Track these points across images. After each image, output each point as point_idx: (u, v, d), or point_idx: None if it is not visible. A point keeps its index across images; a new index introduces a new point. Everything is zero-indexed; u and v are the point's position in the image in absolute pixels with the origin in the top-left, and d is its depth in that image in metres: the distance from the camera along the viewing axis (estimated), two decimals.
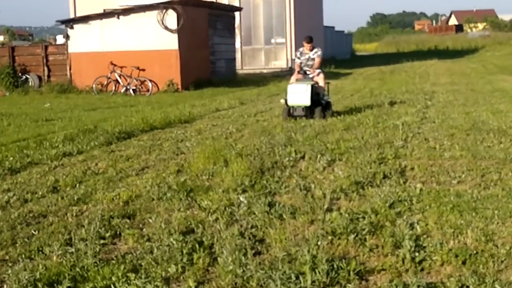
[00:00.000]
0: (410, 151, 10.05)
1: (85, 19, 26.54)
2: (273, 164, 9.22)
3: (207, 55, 28.68)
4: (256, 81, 29.52)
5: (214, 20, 29.41)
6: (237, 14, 34.68)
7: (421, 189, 7.50)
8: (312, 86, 14.36)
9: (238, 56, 35.73)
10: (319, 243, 5.58)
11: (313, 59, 15.18)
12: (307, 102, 14.19)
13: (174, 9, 25.38)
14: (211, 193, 7.57)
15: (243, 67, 38.09)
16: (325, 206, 6.78)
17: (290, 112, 14.42)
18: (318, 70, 15.16)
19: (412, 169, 8.76)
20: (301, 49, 15.46)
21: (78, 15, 29.61)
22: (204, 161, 9.37)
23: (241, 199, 7.25)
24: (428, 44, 78.73)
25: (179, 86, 25.47)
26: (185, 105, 19.08)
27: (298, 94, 14.24)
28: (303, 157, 9.80)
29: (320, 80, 14.97)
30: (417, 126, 12.77)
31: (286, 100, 14.48)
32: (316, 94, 14.60)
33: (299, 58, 15.32)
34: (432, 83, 25.98)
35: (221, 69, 30.25)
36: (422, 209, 6.71)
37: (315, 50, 15.30)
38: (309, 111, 14.30)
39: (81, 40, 26.38)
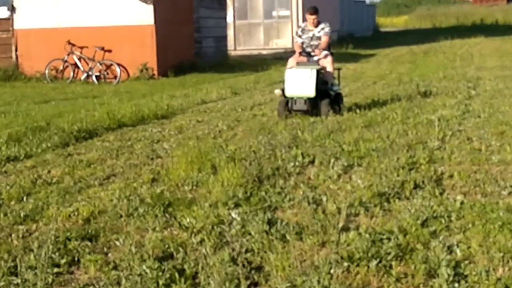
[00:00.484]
0: (448, 154, 10.06)
1: None
2: (274, 170, 9.23)
3: (191, 32, 28.71)
4: (253, 65, 29.57)
5: None
6: None
7: (462, 202, 7.50)
8: (318, 71, 13.94)
9: (230, 33, 35.79)
10: (332, 271, 5.58)
11: (319, 37, 14.74)
12: (311, 93, 13.74)
13: None
14: (195, 208, 7.58)
15: (236, 47, 38.16)
16: (340, 224, 6.78)
17: (288, 106, 14.05)
18: (326, 52, 14.72)
19: (451, 176, 8.78)
20: (303, 25, 15.14)
21: None
22: (186, 167, 9.36)
23: (233, 215, 7.25)
24: (472, 17, 78.84)
25: (155, 72, 25.51)
26: (163, 96, 19.10)
27: (300, 82, 13.77)
28: (312, 162, 9.81)
29: (328, 64, 14.53)
30: (457, 122, 12.80)
31: (283, 90, 14.06)
32: (323, 82, 14.18)
33: (300, 36, 14.93)
34: (476, 67, 26.05)
35: (209, 49, 30.29)
36: (464, 228, 6.72)
37: (321, 26, 14.81)
38: (313, 105, 13.91)
39: (30, 14, 26.38)
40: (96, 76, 25.49)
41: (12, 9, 26.84)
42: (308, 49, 14.67)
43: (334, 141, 11.14)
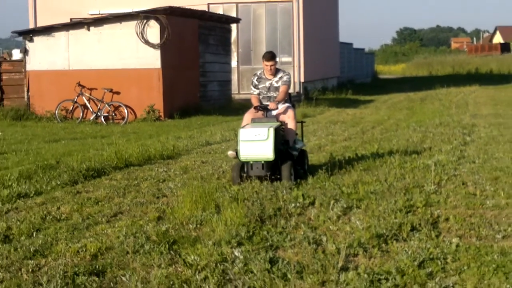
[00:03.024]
0: (444, 197, 10.07)
1: (47, 30, 26.71)
2: (276, 211, 9.24)
3: (197, 76, 28.84)
4: None
5: (205, 34, 29.62)
6: (233, 26, 34.93)
7: (457, 245, 7.51)
8: (277, 129, 11.67)
9: (234, 77, 35.93)
10: None
11: (277, 88, 12.56)
12: (269, 155, 11.37)
13: (156, 19, 25.56)
14: (199, 246, 7.58)
15: (240, 91, 38.25)
16: (340, 264, 6.79)
17: (243, 171, 11.67)
18: (286, 105, 12.60)
19: (447, 219, 8.78)
20: (259, 73, 12.80)
21: (39, 25, 29.83)
22: (191, 207, 9.39)
23: (236, 253, 7.25)
24: (467, 66, 79.14)
25: (162, 114, 25.57)
26: (169, 137, 19.13)
27: (255, 144, 11.41)
28: (312, 203, 9.82)
29: (289, 119, 12.37)
30: (453, 167, 12.80)
31: (237, 152, 11.78)
32: (284, 142, 12.13)
33: (256, 86, 12.74)
34: (471, 114, 26.09)
35: (214, 93, 30.40)
36: (459, 270, 6.72)
37: (279, 74, 12.62)
38: (273, 169, 11.52)
39: (42, 56, 26.52)
40: (105, 117, 25.55)
41: (25, 51, 26.98)
42: (265, 102, 12.59)
43: (333, 183, 11.15)
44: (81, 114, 25.86)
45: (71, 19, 28.69)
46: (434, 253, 7.21)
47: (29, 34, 26.93)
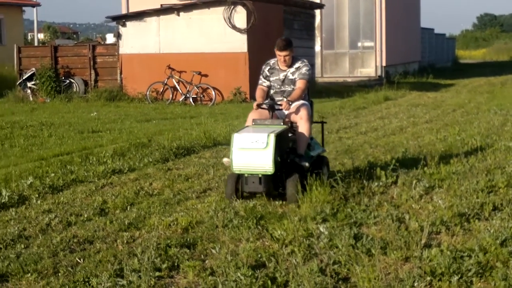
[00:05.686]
0: None
1: (139, 15, 27.01)
2: (359, 189, 9.20)
3: None
4: (338, 91, 29.51)
5: (290, 19, 29.57)
6: (317, 12, 34.78)
7: None
8: (281, 135, 9.04)
9: (317, 61, 35.84)
10: (415, 284, 5.56)
11: (293, 81, 9.92)
12: (268, 168, 8.80)
13: (243, 5, 25.60)
14: (285, 221, 7.61)
15: (323, 74, 38.16)
16: (423, 241, 6.74)
17: (238, 185, 9.10)
18: (301, 102, 9.78)
19: None
20: (272, 62, 10.17)
21: (131, 10, 30.15)
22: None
23: (321, 229, 7.26)
24: None
25: (247, 96, 25.63)
26: None
27: (251, 153, 8.88)
28: (395, 183, 9.76)
29: (301, 120, 9.55)
30: None
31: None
32: (289, 150, 9.51)
33: (267, 77, 10.06)
34: None
35: None
36: None
37: (297, 63, 10.02)
38: (274, 184, 9.01)
39: (135, 40, 26.83)
40: (193, 98, 25.73)
41: (118, 35, 27.33)
42: (278, 98, 9.92)
43: (415, 164, 11.03)
44: (170, 96, 26.10)
45: (161, 5, 28.87)
46: None
47: (122, 19, 27.26)
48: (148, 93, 26.09)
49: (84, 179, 10.66)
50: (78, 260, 6.59)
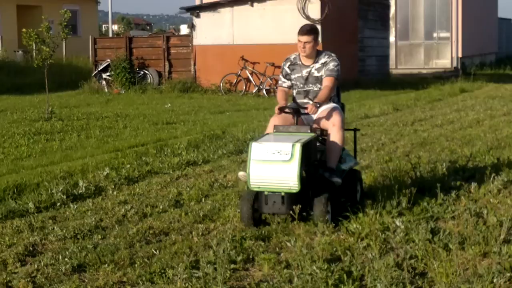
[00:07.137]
0: None
1: (213, 6, 27.14)
2: (435, 183, 9.10)
3: (356, 51, 28.67)
4: (413, 83, 29.25)
5: (365, 10, 29.39)
6: (392, 2, 34.48)
7: None
8: (308, 144, 7.64)
9: (392, 53, 35.52)
10: (495, 280, 5.49)
11: (319, 79, 8.53)
12: (293, 184, 7.38)
13: None
14: (360, 215, 7.57)
15: (397, 66, 37.84)
16: (502, 237, 6.65)
17: (256, 204, 7.63)
18: (331, 105, 8.44)
19: None
20: (292, 57, 8.77)
21: (205, 2, 30.32)
22: None
23: (397, 223, 7.20)
24: None
25: None
26: None
27: (272, 166, 7.47)
28: (472, 177, 9.64)
29: (334, 127, 8.12)
30: None
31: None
32: (317, 163, 8.10)
33: (287, 75, 8.69)
34: None
35: (372, 68, 30.16)
36: None
37: (323, 58, 8.62)
38: (299, 203, 7.19)
39: (208, 31, 26.95)
40: (266, 90, 25.77)
41: (192, 27, 27.51)
42: (301, 99, 8.54)
43: (493, 157, 10.87)
44: (244, 87, 26.19)
45: None
46: None
47: (196, 10, 27.42)
48: (221, 84, 26.21)
49: (159, 170, 10.77)
50: (154, 252, 6.67)
